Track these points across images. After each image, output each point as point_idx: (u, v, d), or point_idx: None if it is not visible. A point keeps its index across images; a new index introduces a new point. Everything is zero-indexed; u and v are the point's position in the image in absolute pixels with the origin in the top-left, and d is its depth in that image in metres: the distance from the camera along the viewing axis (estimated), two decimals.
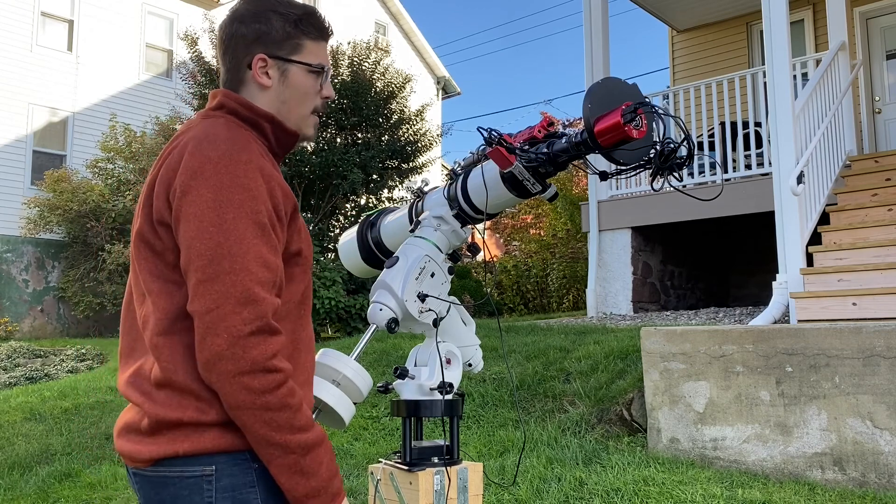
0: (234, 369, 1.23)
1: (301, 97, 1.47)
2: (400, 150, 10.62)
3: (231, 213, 1.27)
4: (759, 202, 6.85)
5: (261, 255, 1.27)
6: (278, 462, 1.27)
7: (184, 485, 1.30)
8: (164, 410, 1.30)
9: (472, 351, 1.83)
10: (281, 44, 1.45)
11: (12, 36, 13.59)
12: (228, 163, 1.30)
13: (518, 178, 1.57)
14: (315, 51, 1.48)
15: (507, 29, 64.34)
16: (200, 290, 1.25)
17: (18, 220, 13.07)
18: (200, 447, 1.29)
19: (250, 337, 1.23)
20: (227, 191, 1.28)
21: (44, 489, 4.54)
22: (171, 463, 1.30)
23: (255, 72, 1.44)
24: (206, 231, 1.26)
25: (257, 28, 1.44)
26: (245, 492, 1.30)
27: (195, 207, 1.28)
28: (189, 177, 1.30)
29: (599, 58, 8.09)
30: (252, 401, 1.24)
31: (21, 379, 7.90)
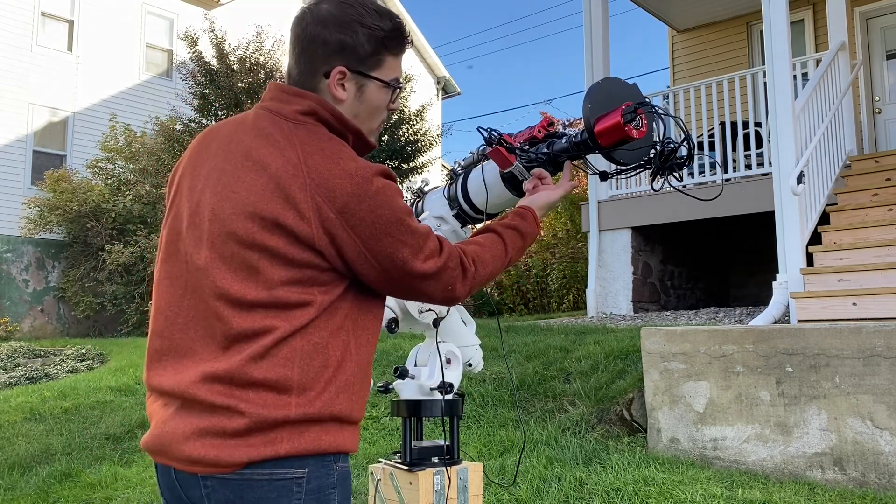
0: (469, 288, 1.46)
1: (373, 112, 1.46)
2: (400, 149, 10.62)
3: (403, 208, 1.42)
4: (759, 202, 6.85)
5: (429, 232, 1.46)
6: (517, 245, 1.53)
7: (272, 487, 1.27)
8: (266, 410, 1.27)
9: (472, 351, 1.83)
10: (364, 59, 1.42)
11: (12, 36, 13.59)
12: (383, 179, 1.38)
13: (518, 178, 1.57)
14: (394, 65, 1.47)
15: (507, 29, 64.36)
16: (429, 262, 1.42)
17: (18, 220, 13.07)
18: (300, 448, 1.28)
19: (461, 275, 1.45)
20: (382, 194, 1.38)
21: (44, 489, 4.54)
22: (261, 465, 1.27)
23: (332, 83, 1.41)
24: (395, 222, 1.38)
25: (342, 39, 1.40)
26: (328, 493, 1.33)
27: (370, 213, 1.37)
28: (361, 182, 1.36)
29: (599, 58, 8.09)
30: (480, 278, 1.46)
31: (21, 379, 7.91)
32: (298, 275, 1.31)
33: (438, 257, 1.38)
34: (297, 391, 1.29)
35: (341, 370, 1.34)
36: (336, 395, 1.32)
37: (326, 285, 1.33)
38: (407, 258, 1.34)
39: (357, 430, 1.41)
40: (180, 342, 1.36)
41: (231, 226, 1.32)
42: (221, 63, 10.55)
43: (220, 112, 10.49)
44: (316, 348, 1.31)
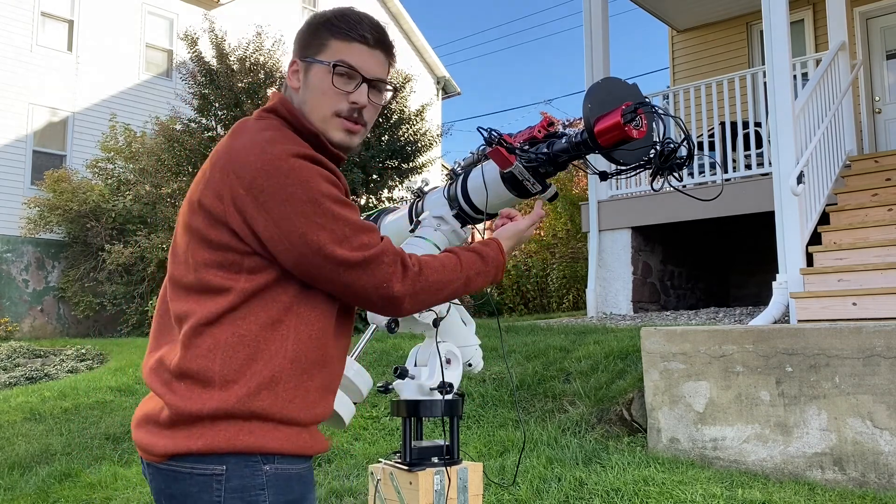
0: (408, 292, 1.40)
1: (318, 97, 1.44)
2: (400, 149, 10.62)
3: (328, 201, 1.37)
4: (759, 202, 6.85)
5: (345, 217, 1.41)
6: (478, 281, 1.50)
7: (194, 481, 1.30)
8: (184, 402, 1.30)
9: (472, 351, 1.83)
10: (308, 44, 1.46)
11: (12, 36, 13.59)
12: (296, 161, 1.37)
13: (518, 178, 1.57)
14: (341, 50, 1.44)
15: (507, 29, 64.34)
16: (363, 263, 1.39)
17: (18, 220, 13.06)
18: (214, 446, 1.29)
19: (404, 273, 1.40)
20: (308, 182, 1.36)
21: (44, 489, 4.54)
22: (184, 458, 1.30)
23: (288, 75, 1.48)
24: (318, 216, 1.35)
25: (298, 35, 1.49)
26: (254, 493, 1.31)
27: (286, 204, 1.35)
28: (263, 175, 1.37)
29: (599, 58, 8.09)
30: (425, 286, 1.40)
31: (21, 379, 7.90)
32: (219, 257, 1.33)
33: (368, 249, 1.33)
34: (220, 385, 1.30)
35: (269, 365, 1.31)
36: (257, 392, 1.30)
37: (252, 273, 1.33)
38: (324, 242, 1.30)
39: (306, 433, 1.36)
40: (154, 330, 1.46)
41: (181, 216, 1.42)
42: (221, 63, 10.54)
43: (220, 112, 10.48)
44: (242, 340, 1.31)
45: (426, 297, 1.40)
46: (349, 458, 4.44)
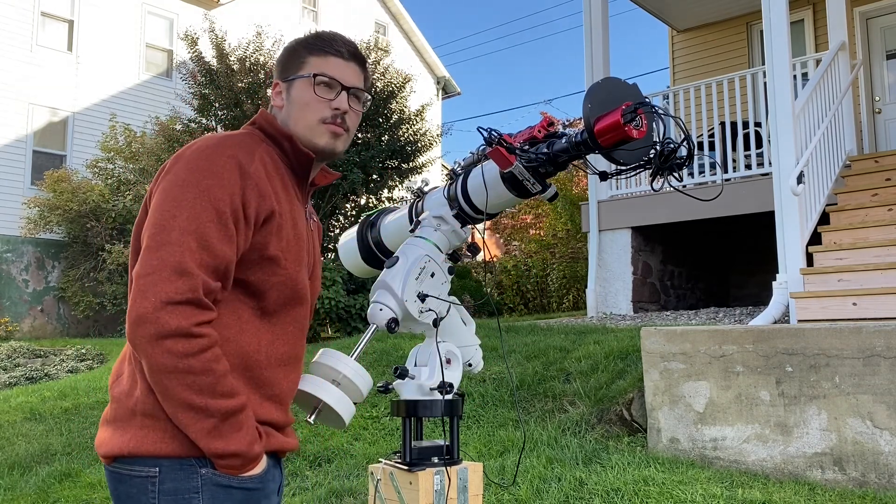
0: (156, 332, 1.24)
1: (302, 108, 1.52)
2: (400, 149, 10.62)
3: (192, 194, 1.32)
4: (759, 202, 6.85)
5: (206, 239, 1.31)
6: (198, 426, 1.28)
7: (133, 483, 1.33)
8: (116, 405, 1.37)
9: (472, 351, 1.83)
10: (289, 66, 1.55)
11: (12, 36, 13.59)
12: (211, 152, 1.37)
13: (518, 178, 1.57)
14: (319, 65, 1.53)
15: (507, 29, 64.34)
16: (145, 255, 1.30)
17: (18, 220, 13.07)
18: (143, 450, 1.31)
19: (178, 306, 1.26)
20: (197, 173, 1.34)
21: (44, 489, 4.54)
22: (124, 460, 1.34)
23: (273, 96, 1.56)
24: (165, 204, 1.33)
25: (278, 61, 1.58)
26: (188, 496, 1.32)
27: (166, 183, 1.36)
28: (174, 160, 1.39)
29: (599, 58, 8.09)
30: (175, 364, 1.25)
31: (21, 379, 7.90)
32: None
33: (150, 263, 1.28)
34: (143, 388, 1.33)
35: None
36: None
37: None
38: (153, 224, 1.33)
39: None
40: None
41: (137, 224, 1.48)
42: (221, 63, 10.54)
43: (220, 112, 10.48)
44: None
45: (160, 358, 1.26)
46: (349, 458, 4.44)
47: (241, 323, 1.39)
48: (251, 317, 1.41)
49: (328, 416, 1.52)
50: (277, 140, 1.50)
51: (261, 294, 1.41)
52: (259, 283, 1.40)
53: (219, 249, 1.31)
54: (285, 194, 1.47)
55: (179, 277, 1.27)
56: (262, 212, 1.38)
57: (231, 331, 1.37)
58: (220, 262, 1.32)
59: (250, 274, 1.39)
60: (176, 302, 1.25)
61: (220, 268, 1.32)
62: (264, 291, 1.41)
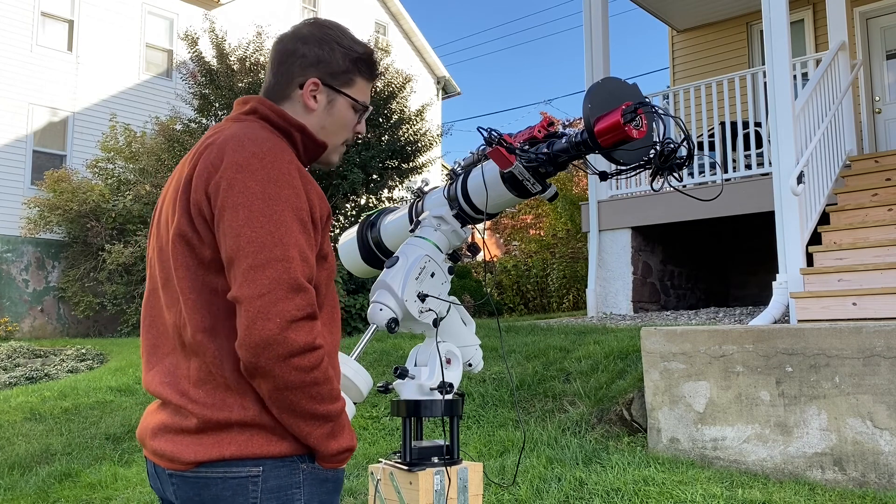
0: (285, 352, 1.24)
1: (340, 128, 1.53)
2: (400, 150, 10.62)
3: (279, 206, 1.30)
4: (759, 202, 6.85)
5: (303, 250, 1.31)
6: (318, 432, 1.31)
7: (227, 486, 1.30)
8: (210, 411, 1.31)
9: (472, 351, 1.83)
10: (337, 75, 1.50)
11: (12, 36, 13.59)
12: (274, 159, 1.33)
13: (518, 178, 1.57)
14: (363, 89, 1.54)
15: (507, 29, 64.31)
16: (251, 275, 1.26)
17: (18, 220, 13.06)
18: (248, 452, 1.30)
19: (301, 322, 1.26)
20: (274, 185, 1.31)
21: (44, 489, 4.54)
22: (215, 465, 1.30)
23: (305, 92, 1.48)
24: (257, 220, 1.28)
25: (319, 53, 1.49)
26: (291, 492, 1.32)
27: (244, 198, 1.29)
28: (235, 170, 1.32)
29: (599, 58, 8.09)
30: (302, 379, 1.26)
31: (21, 379, 7.90)
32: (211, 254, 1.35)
33: (262, 282, 1.27)
34: (237, 391, 1.32)
35: None
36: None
37: None
38: (239, 256, 1.31)
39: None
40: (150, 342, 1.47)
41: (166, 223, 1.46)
42: (221, 63, 10.54)
43: (221, 112, 10.48)
44: None
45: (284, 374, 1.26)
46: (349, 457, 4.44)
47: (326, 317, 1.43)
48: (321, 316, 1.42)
49: None
50: (288, 131, 1.46)
51: (317, 289, 1.40)
52: (318, 280, 1.40)
53: (311, 259, 1.32)
54: None
55: (297, 294, 1.26)
56: (324, 212, 1.40)
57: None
58: (313, 272, 1.33)
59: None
60: (299, 319, 1.25)
61: (313, 276, 1.33)
62: (319, 286, 1.41)
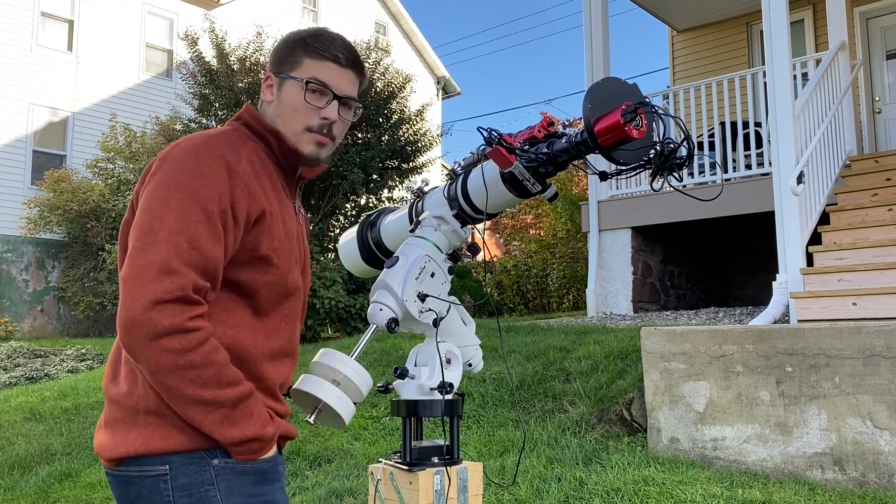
0: (150, 332, 1.23)
1: (290, 112, 1.49)
2: (400, 150, 10.61)
3: (181, 195, 1.31)
4: (759, 202, 6.85)
5: (195, 238, 1.29)
6: (210, 418, 1.28)
7: (144, 484, 1.32)
8: (115, 406, 1.35)
9: (472, 351, 1.83)
10: (283, 60, 1.51)
11: (12, 36, 13.59)
12: (198, 152, 1.36)
13: (518, 178, 1.57)
14: (314, 68, 1.49)
15: (507, 29, 64.34)
16: (131, 257, 1.28)
17: (18, 220, 13.07)
18: (152, 447, 1.31)
19: (168, 304, 1.24)
20: (185, 175, 1.33)
21: (44, 489, 4.54)
22: (131, 462, 1.33)
23: (263, 88, 1.53)
24: (153, 205, 1.31)
25: (274, 51, 1.54)
26: (204, 489, 1.32)
27: (154, 185, 1.34)
28: (161, 161, 1.37)
29: (599, 58, 8.09)
30: (175, 361, 1.24)
31: (21, 379, 7.91)
32: None
33: (137, 264, 1.27)
34: (144, 383, 1.33)
35: None
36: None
37: None
38: (131, 239, 1.33)
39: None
40: None
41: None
42: (221, 63, 10.54)
43: (220, 112, 10.48)
44: None
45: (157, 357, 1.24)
46: (349, 458, 4.44)
47: (235, 321, 1.39)
48: (244, 315, 1.41)
49: (328, 416, 1.52)
50: (264, 136, 1.49)
51: (253, 293, 1.41)
52: (251, 282, 1.40)
53: (207, 249, 1.31)
54: (274, 192, 1.46)
55: (167, 276, 1.25)
56: (253, 212, 1.38)
57: (225, 329, 1.37)
58: (208, 262, 1.31)
59: (241, 273, 1.39)
60: (165, 301, 1.24)
61: (209, 267, 1.32)
62: (256, 290, 1.41)
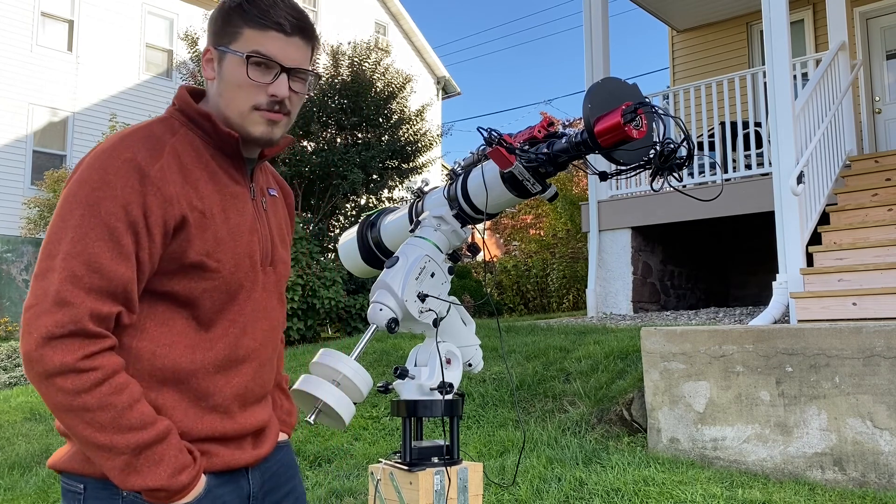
0: (42, 370, 1.16)
1: (234, 90, 1.33)
2: (400, 150, 10.62)
3: (79, 211, 1.20)
4: (759, 202, 6.85)
5: (95, 260, 1.18)
6: (109, 464, 1.19)
7: (67, 496, 1.32)
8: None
9: (472, 351, 1.83)
10: (221, 32, 1.34)
11: (12, 36, 13.60)
12: (105, 158, 1.23)
13: (518, 178, 1.57)
14: (256, 39, 1.31)
15: (507, 29, 64.36)
16: (32, 285, 1.21)
17: (18, 220, 13.08)
18: (70, 466, 1.30)
19: (60, 340, 1.16)
20: (86, 186, 1.21)
21: (44, 489, 4.54)
22: (62, 473, 1.33)
23: (203, 64, 1.38)
24: (53, 225, 1.21)
25: (210, 21, 1.38)
26: None
27: (61, 199, 1.24)
28: (75, 168, 1.28)
29: (599, 58, 8.09)
30: (69, 402, 1.16)
31: (21, 379, 7.91)
32: None
33: (35, 293, 1.19)
34: None
35: None
36: None
37: None
38: (45, 245, 1.23)
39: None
40: None
41: None
42: None
43: None
44: None
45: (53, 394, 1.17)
46: (349, 458, 4.44)
47: (173, 335, 1.28)
48: (184, 328, 1.29)
49: (328, 416, 1.52)
50: (197, 121, 1.34)
51: (192, 302, 1.29)
52: (187, 291, 1.28)
53: (111, 270, 1.19)
54: (212, 184, 1.32)
55: (60, 309, 1.16)
56: (171, 218, 1.24)
57: (161, 345, 1.27)
58: (115, 284, 1.19)
59: (174, 284, 1.28)
60: (57, 336, 1.15)
61: (116, 290, 1.20)
62: (195, 299, 1.29)
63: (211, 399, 1.32)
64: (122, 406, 1.19)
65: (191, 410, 1.30)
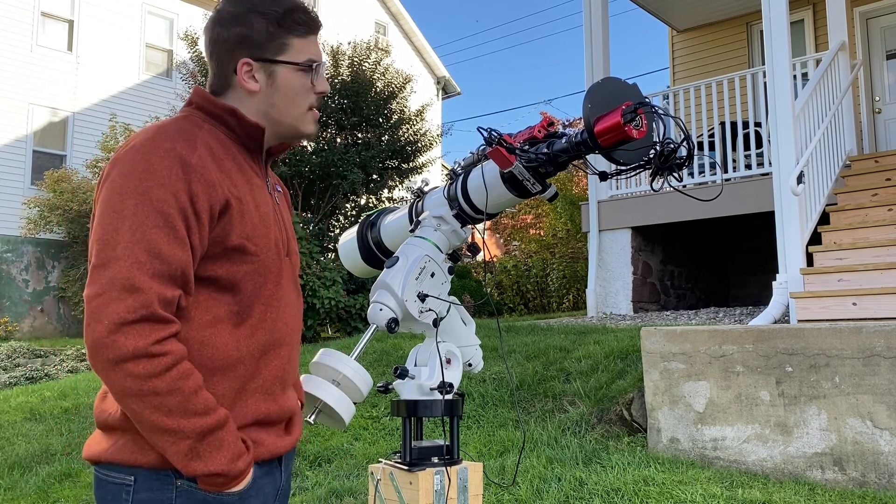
0: (114, 356, 1.18)
1: (292, 98, 1.42)
2: (400, 150, 10.62)
3: (133, 200, 1.23)
4: (759, 202, 6.85)
5: (155, 246, 1.22)
6: (174, 448, 1.21)
7: (107, 489, 1.31)
8: (98, 410, 1.34)
9: (472, 351, 1.83)
10: (265, 45, 1.39)
11: (12, 36, 13.59)
12: (147, 150, 1.27)
13: (518, 178, 1.57)
14: (303, 47, 1.42)
15: (507, 29, 64.36)
16: (93, 275, 1.22)
17: (18, 220, 13.07)
18: (119, 458, 1.29)
19: (132, 325, 1.18)
20: (134, 177, 1.24)
21: (44, 489, 4.54)
22: (100, 465, 1.32)
23: (240, 77, 1.40)
24: (106, 216, 1.24)
25: (239, 31, 1.39)
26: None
27: (106, 193, 1.26)
28: (112, 163, 1.29)
29: (599, 58, 8.09)
30: (139, 387, 1.19)
31: (21, 379, 7.91)
32: None
33: (99, 282, 1.20)
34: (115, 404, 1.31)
35: None
36: None
37: None
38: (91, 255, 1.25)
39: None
40: None
41: None
42: None
43: None
44: None
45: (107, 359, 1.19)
46: (349, 458, 4.44)
47: (216, 322, 1.31)
48: (227, 314, 1.33)
49: (328, 416, 1.52)
50: (221, 117, 1.39)
51: (234, 286, 1.33)
52: (229, 275, 1.32)
53: (171, 255, 1.23)
54: (241, 175, 1.37)
55: (130, 295, 1.19)
56: (216, 203, 1.29)
57: (206, 332, 1.30)
58: (175, 269, 1.24)
59: (217, 268, 1.31)
60: (130, 322, 1.18)
61: (176, 274, 1.24)
62: (237, 282, 1.33)
63: (254, 381, 1.36)
64: (189, 391, 1.22)
65: (238, 396, 1.33)
